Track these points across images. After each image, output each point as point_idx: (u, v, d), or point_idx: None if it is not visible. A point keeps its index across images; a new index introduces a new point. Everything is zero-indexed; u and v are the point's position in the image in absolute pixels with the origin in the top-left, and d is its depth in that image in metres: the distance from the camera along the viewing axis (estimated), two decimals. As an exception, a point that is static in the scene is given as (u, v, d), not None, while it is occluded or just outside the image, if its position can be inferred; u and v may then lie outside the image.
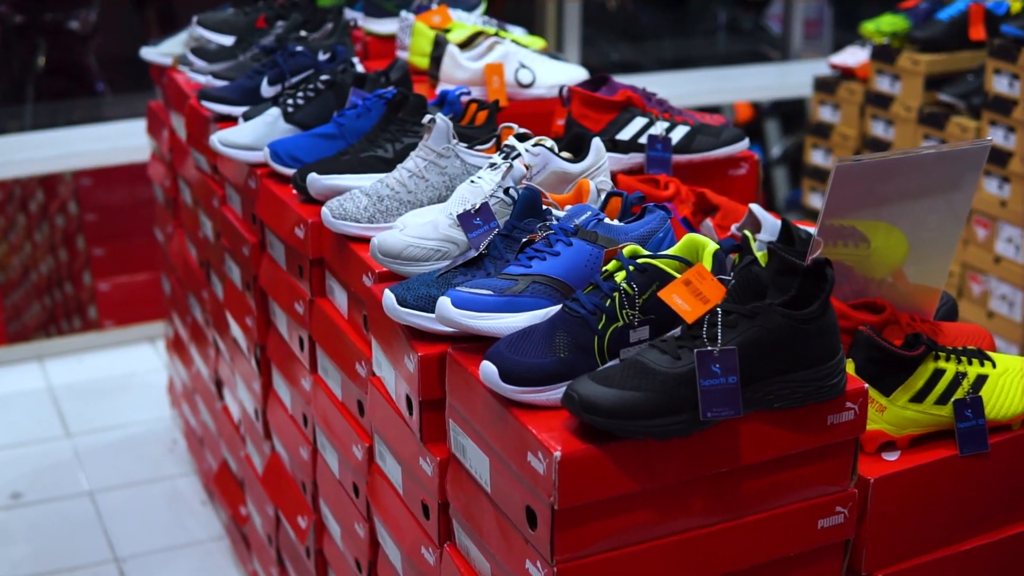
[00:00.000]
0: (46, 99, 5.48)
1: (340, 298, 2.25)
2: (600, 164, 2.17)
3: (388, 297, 1.79)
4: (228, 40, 3.28)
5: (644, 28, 7.13)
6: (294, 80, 2.80)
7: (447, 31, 3.27)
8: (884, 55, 3.99)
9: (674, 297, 1.53)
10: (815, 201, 4.37)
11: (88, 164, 4.61)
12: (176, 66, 3.38)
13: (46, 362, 4.58)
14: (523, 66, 3.04)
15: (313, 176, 2.25)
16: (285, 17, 3.26)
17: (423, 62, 3.21)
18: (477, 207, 1.94)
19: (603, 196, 1.98)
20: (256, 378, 2.73)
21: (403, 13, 3.32)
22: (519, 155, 2.09)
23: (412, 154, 2.19)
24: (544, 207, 1.88)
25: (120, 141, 4.62)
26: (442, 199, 2.16)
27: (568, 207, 1.95)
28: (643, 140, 2.50)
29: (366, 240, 2.13)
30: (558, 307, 1.69)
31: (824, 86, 4.24)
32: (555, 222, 1.82)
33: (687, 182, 2.48)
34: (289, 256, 2.43)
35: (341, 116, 2.49)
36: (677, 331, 1.60)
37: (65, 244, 4.80)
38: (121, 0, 5.84)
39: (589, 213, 1.78)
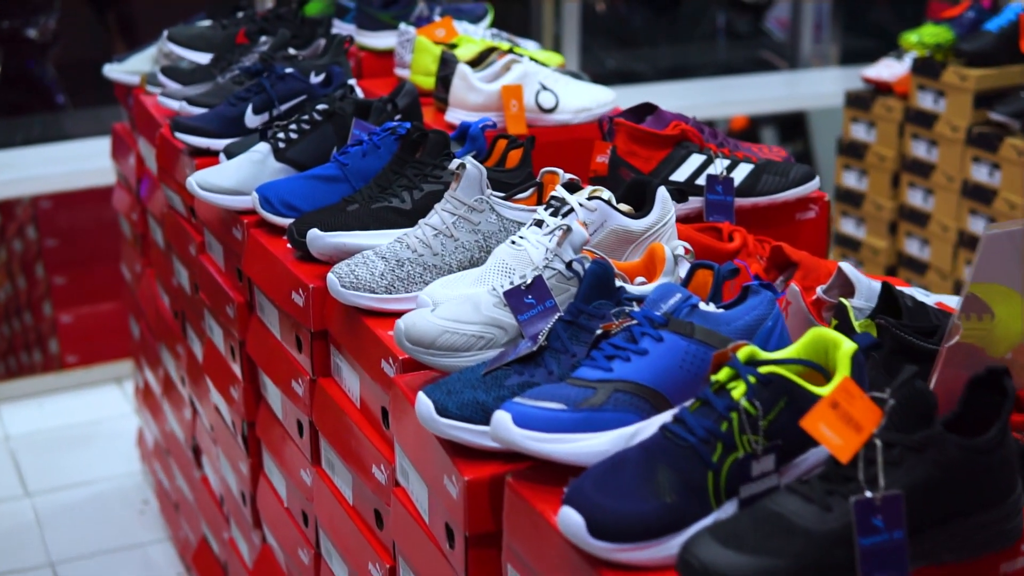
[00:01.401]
0: (2, 114, 5.05)
1: (351, 380, 1.85)
2: (667, 220, 1.79)
3: (425, 405, 1.40)
4: (203, 58, 2.87)
5: (637, 33, 6.72)
6: (283, 108, 2.40)
7: (453, 46, 2.88)
8: (927, 69, 3.63)
9: (822, 428, 1.15)
10: (847, 227, 4.00)
11: (49, 189, 4.19)
12: (144, 86, 2.97)
13: (2, 407, 4.15)
14: (544, 88, 2.66)
15: (316, 233, 1.86)
16: (269, 31, 2.86)
17: (427, 82, 2.82)
18: (529, 282, 1.55)
19: (682, 266, 1.59)
20: (243, 458, 2.33)
21: (402, 26, 2.93)
22: (571, 210, 1.71)
23: (437, 207, 1.80)
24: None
25: (84, 163, 4.20)
26: (474, 262, 1.78)
27: (643, 283, 1.57)
28: (701, 181, 2.12)
29: (383, 314, 1.74)
30: (646, 422, 1.31)
31: (857, 102, 3.87)
32: (635, 308, 1.43)
33: (749, 229, 2.12)
34: (284, 324, 2.04)
35: (344, 154, 2.10)
36: (818, 467, 1.22)
37: (23, 272, 4.36)
38: (80, 5, 5.39)
39: (679, 296, 1.39)
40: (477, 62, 2.79)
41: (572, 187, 1.77)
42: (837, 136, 4.04)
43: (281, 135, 2.19)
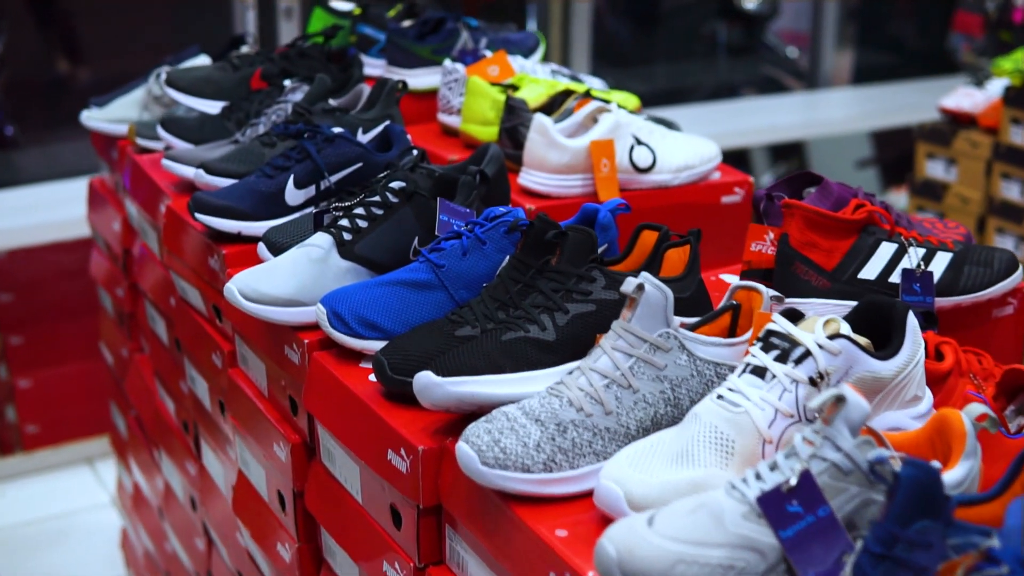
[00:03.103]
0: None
1: (478, 577, 1.36)
2: (917, 359, 1.31)
3: None
4: (213, 107, 2.35)
5: (627, 48, 6.22)
6: (334, 179, 1.89)
7: (513, 88, 2.38)
8: (1022, 100, 3.19)
9: None
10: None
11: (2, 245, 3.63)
12: (133, 138, 2.44)
13: (-45, 498, 3.59)
14: (639, 142, 2.17)
15: (430, 380, 1.34)
16: (292, 72, 2.34)
17: (483, 133, 2.32)
18: (794, 482, 1.06)
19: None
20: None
21: (448, 63, 2.43)
22: (807, 354, 1.22)
23: (605, 344, 1.30)
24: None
25: (43, 214, 3.64)
26: (657, 421, 1.29)
27: (955, 479, 1.09)
28: (894, 278, 1.65)
29: (542, 499, 1.25)
30: None
31: (934, 135, 3.43)
32: (990, 539, 0.95)
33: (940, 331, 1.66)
34: (371, 487, 1.53)
35: (435, 251, 1.60)
36: None
37: (-27, 331, 3.80)
38: (22, 21, 4.79)
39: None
40: (548, 109, 2.30)
41: (793, 315, 1.29)
42: (857, 159, 3.57)
43: (345, 222, 1.68)
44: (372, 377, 1.53)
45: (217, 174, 1.98)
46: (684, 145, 2.22)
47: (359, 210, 1.70)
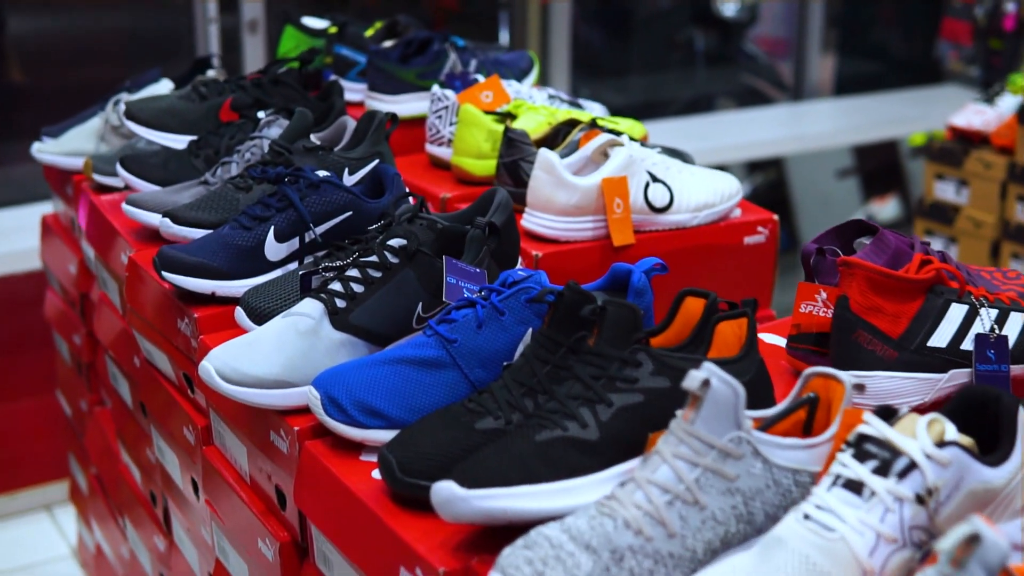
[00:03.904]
0: None
1: None
2: (1033, 458, 1.12)
3: None
4: (178, 141, 2.12)
5: (600, 57, 5.99)
6: (320, 231, 1.67)
7: (511, 116, 2.17)
8: (1039, 117, 3.02)
9: None
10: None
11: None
12: (89, 174, 2.21)
13: (-100, 553, 3.33)
14: (654, 179, 1.97)
15: (453, 492, 1.12)
16: (266, 103, 2.11)
17: (477, 168, 2.11)
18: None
19: None
20: None
21: (436, 89, 2.21)
22: (912, 467, 1.02)
23: (664, 450, 1.09)
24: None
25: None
26: (727, 541, 1.08)
27: None
28: (967, 345, 1.45)
29: (592, 645, 1.04)
30: None
31: (944, 155, 3.24)
32: None
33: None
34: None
35: (444, 322, 1.38)
36: None
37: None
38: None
39: None
40: (550, 141, 2.08)
41: (887, 413, 1.08)
42: (838, 168, 3.37)
43: (337, 286, 1.46)
44: (376, 473, 1.31)
45: (185, 223, 1.75)
46: (703, 181, 2.02)
47: (353, 272, 1.47)
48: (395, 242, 1.48)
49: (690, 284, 1.97)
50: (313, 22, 2.66)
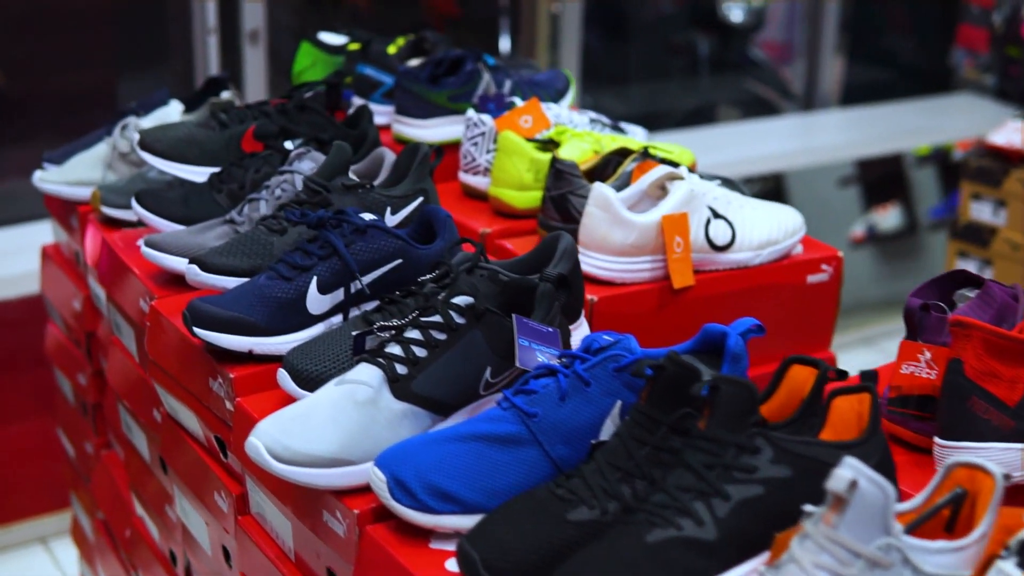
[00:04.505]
0: None
1: None
2: None
3: None
4: (196, 173, 1.96)
5: (598, 64, 5.82)
6: (366, 281, 1.52)
7: (554, 144, 2.03)
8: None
9: None
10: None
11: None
12: (97, 206, 2.05)
13: None
14: (716, 215, 1.83)
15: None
16: (292, 131, 1.96)
17: (520, 200, 1.98)
18: None
19: None
20: None
21: (471, 114, 2.07)
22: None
23: (802, 558, 0.96)
24: None
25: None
26: (878, 664, 0.95)
27: None
28: (1092, 413, 1.32)
29: None
30: None
31: (981, 175, 3.12)
32: None
33: None
34: None
35: (521, 393, 1.24)
36: None
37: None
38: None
39: None
40: (599, 172, 1.94)
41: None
42: (839, 176, 3.22)
43: (396, 350, 1.31)
44: (451, 565, 1.17)
45: (215, 271, 1.60)
46: (765, 216, 1.89)
47: (414, 333, 1.33)
48: (460, 300, 1.34)
49: (758, 346, 1.85)
50: (330, 38, 2.50)
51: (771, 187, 5.43)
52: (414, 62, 2.34)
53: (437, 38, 2.38)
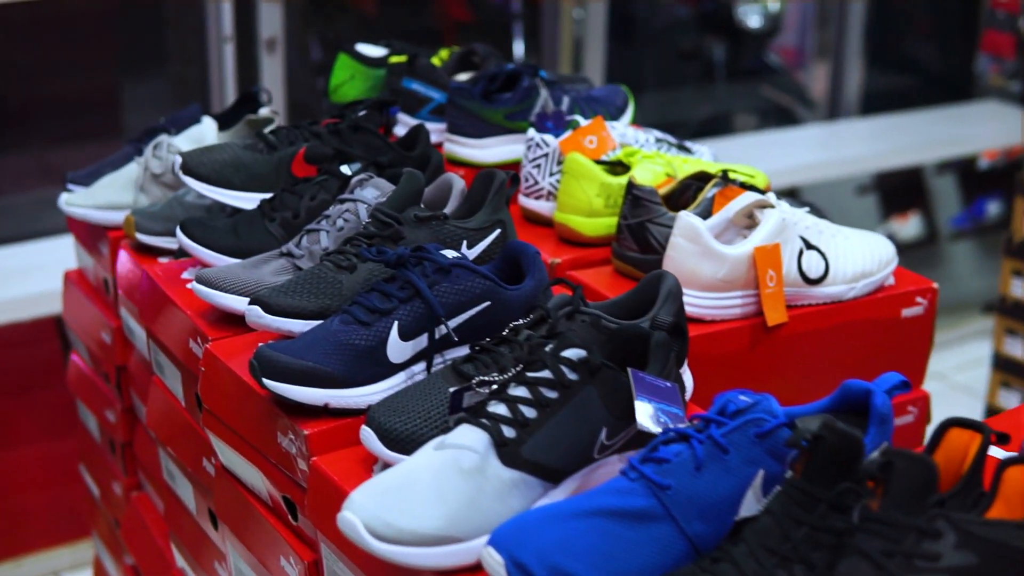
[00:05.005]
0: None
1: None
2: None
3: None
4: (243, 200, 1.82)
5: (610, 67, 5.68)
6: (452, 325, 1.39)
7: (623, 167, 1.90)
8: None
9: None
10: (1014, 349, 3.12)
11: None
12: (132, 234, 1.91)
13: None
14: (808, 245, 1.70)
15: None
16: (347, 154, 1.82)
17: (589, 227, 1.85)
18: None
19: None
20: None
21: (533, 133, 1.93)
22: None
23: None
24: None
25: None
26: None
27: None
28: None
29: None
30: None
31: (1037, 187, 3.01)
32: None
33: None
34: None
35: (650, 462, 1.11)
36: None
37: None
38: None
39: None
40: (677, 198, 1.81)
41: None
42: (857, 184, 3.09)
43: (502, 409, 1.18)
44: (579, 661, 1.03)
45: (280, 313, 1.46)
46: (858, 246, 1.76)
47: (520, 390, 1.19)
48: (572, 353, 1.20)
49: (841, 366, 1.72)
50: (369, 49, 2.36)
51: (786, 195, 5.31)
52: (462, 76, 2.20)
53: (487, 51, 2.25)
